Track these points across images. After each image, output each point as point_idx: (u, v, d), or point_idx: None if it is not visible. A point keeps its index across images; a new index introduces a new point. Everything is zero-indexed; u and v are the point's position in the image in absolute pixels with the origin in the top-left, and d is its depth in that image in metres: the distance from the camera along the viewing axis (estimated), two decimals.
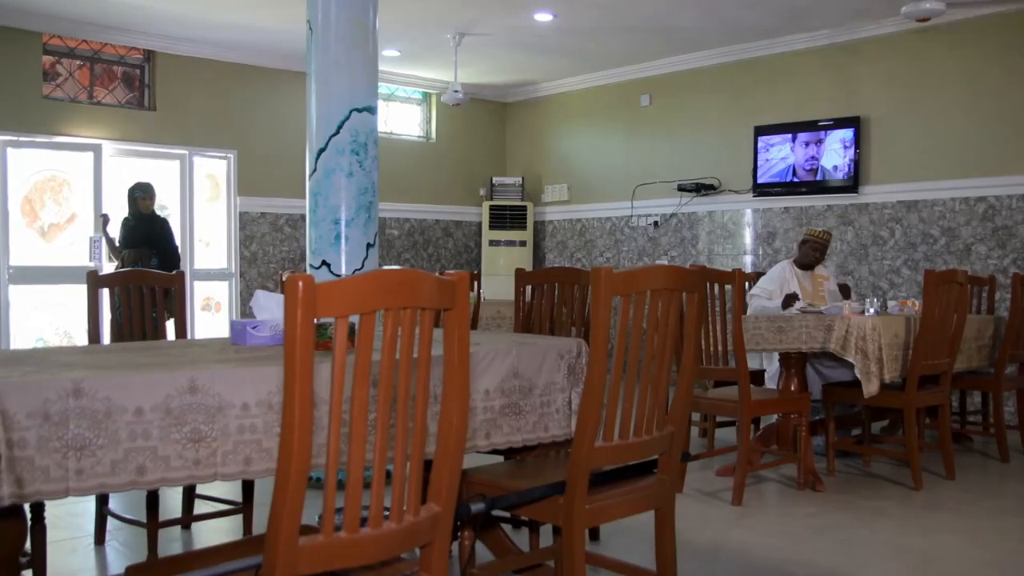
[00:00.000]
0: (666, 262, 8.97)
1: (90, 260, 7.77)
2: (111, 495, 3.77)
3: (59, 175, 7.84)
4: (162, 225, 7.51)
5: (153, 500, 3.44)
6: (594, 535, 3.81)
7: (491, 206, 10.09)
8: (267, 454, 2.15)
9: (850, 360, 4.59)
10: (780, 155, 8.18)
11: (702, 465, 5.27)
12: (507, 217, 10.07)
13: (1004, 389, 5.60)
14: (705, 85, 8.86)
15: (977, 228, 7.12)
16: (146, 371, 2.11)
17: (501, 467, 2.94)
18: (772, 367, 5.77)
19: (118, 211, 7.52)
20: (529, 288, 4.43)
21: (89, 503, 4.06)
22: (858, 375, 4.59)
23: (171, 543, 3.79)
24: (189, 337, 5.12)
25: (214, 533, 3.94)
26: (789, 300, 5.30)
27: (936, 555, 3.74)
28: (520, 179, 10.30)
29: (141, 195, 7.35)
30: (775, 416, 5.20)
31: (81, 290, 4.11)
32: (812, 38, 7.97)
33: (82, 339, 7.31)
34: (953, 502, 4.56)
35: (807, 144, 8.01)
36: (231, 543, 2.46)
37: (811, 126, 7.99)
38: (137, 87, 8.28)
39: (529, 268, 8.94)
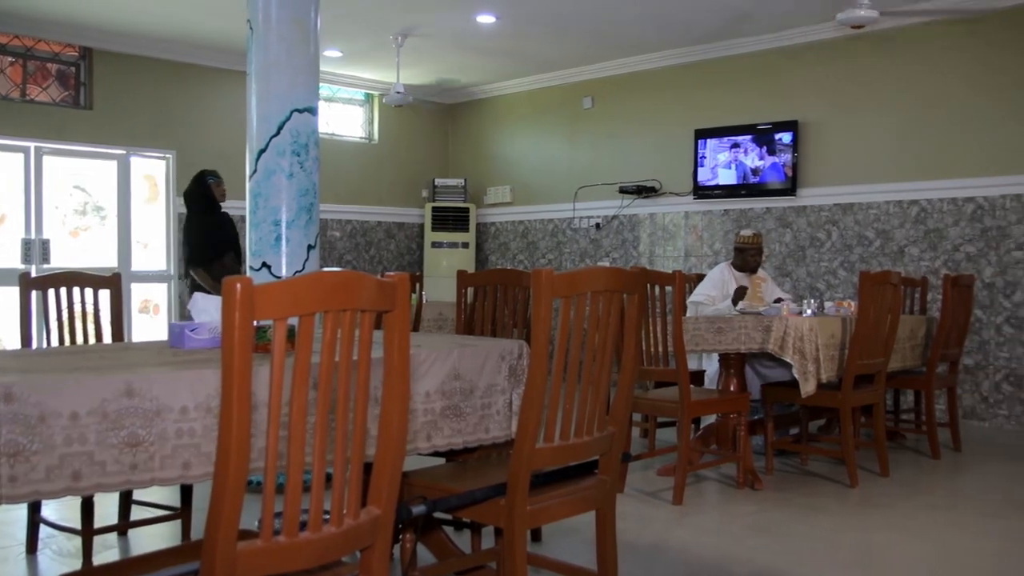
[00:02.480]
0: (607, 264, 9.04)
1: (21, 262, 7.59)
2: (44, 502, 3.69)
3: None
4: (233, 221, 6.43)
5: (88, 506, 3.37)
6: (536, 536, 3.82)
7: (434, 208, 10.07)
8: (206, 458, 2.12)
9: (788, 360, 4.67)
10: (720, 158, 8.29)
11: (643, 465, 5.32)
12: (450, 219, 10.06)
13: (935, 388, 5.74)
14: (647, 88, 8.94)
15: (910, 231, 7.29)
16: (80, 375, 2.07)
17: (442, 469, 2.94)
18: (712, 368, 5.84)
19: (51, 212, 7.30)
20: (471, 290, 4.43)
21: (20, 510, 3.96)
22: (796, 375, 4.67)
23: (107, 550, 3.72)
24: (126, 340, 5.03)
25: (151, 539, 3.87)
26: (740, 293, 5.39)
27: (871, 549, 3.82)
28: (463, 181, 10.29)
29: (215, 180, 6.23)
30: (715, 416, 5.27)
31: (11, 293, 4.02)
32: (751, 43, 8.09)
33: (13, 343, 7.13)
34: (887, 498, 4.67)
35: (746, 147, 8.12)
36: (168, 549, 2.43)
37: (750, 129, 8.11)
38: (73, 85, 8.11)
39: (471, 270, 8.91)
